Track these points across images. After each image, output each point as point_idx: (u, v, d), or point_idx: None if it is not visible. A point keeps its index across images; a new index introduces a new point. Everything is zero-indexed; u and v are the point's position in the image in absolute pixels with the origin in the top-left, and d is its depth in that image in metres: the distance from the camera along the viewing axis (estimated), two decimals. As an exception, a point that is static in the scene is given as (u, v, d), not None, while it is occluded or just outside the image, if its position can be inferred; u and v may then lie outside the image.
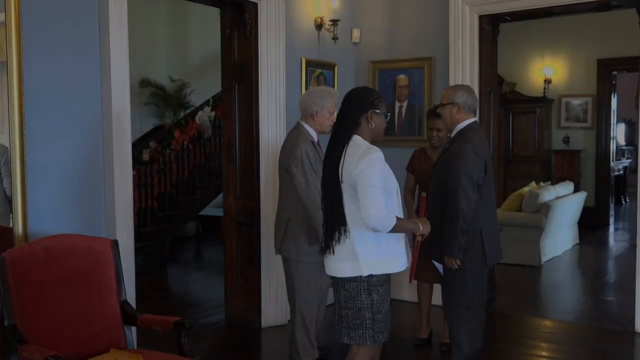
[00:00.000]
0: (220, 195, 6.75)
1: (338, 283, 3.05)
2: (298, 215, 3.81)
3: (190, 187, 8.15)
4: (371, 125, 3.04)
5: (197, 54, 10.63)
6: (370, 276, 2.98)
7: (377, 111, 3.05)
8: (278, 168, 3.98)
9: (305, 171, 3.74)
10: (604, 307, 5.88)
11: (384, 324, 3.05)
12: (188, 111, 9.69)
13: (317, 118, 3.88)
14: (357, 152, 2.92)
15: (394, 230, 2.91)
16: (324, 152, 4.00)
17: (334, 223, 2.98)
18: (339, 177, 2.97)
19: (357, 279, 2.98)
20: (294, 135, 3.90)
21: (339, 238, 2.97)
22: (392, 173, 3.05)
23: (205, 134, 8.45)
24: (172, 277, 7.37)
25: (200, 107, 8.80)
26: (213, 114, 8.48)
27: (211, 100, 8.69)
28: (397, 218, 2.94)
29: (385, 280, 3.05)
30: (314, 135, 3.91)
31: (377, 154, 2.92)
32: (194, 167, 8.22)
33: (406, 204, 4.73)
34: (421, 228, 3.11)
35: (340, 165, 2.96)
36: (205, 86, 10.37)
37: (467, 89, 3.78)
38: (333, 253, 3.01)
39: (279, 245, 3.93)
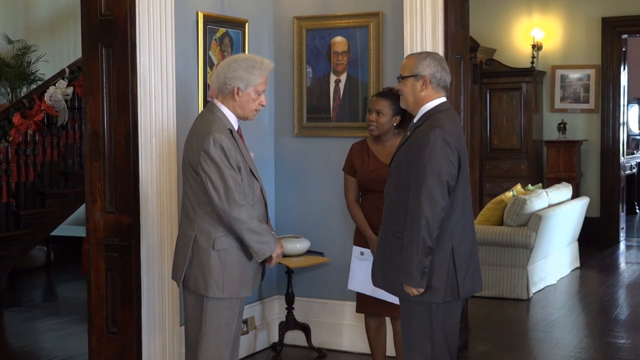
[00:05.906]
0: (82, 208, 6.64)
1: None
2: (208, 234, 3.84)
3: (37, 196, 8.00)
4: None
5: (46, 5, 10.41)
6: None
7: None
8: (182, 167, 3.97)
9: (221, 172, 3.75)
10: (613, 352, 6.09)
11: None
12: (33, 86, 9.50)
13: (239, 98, 3.90)
14: None
15: None
16: (246, 146, 4.02)
17: None
18: None
19: None
20: (205, 120, 3.91)
21: None
22: None
23: (59, 119, 8.30)
24: (10, 325, 7.21)
25: (52, 81, 8.63)
26: (70, 90, 8.34)
27: (67, 71, 8.54)
28: None
29: None
30: (233, 121, 3.93)
31: None
32: (43, 167, 8.07)
33: (354, 218, 4.79)
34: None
35: None
36: (58, 51, 10.18)
37: (435, 57, 3.88)
38: None
39: (181, 274, 3.93)
